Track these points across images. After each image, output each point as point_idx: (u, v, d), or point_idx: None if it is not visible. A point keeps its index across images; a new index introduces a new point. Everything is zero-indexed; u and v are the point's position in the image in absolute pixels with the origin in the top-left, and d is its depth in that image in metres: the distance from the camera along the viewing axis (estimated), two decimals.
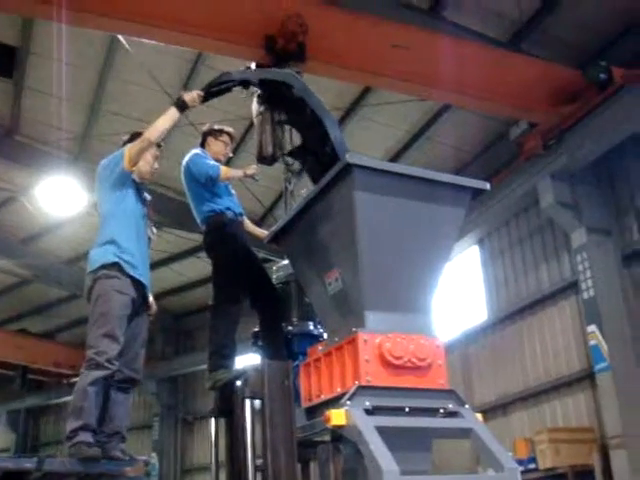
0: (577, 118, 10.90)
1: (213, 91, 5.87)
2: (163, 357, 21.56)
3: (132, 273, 5.25)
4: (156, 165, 5.84)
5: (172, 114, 5.51)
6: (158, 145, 5.81)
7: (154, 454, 20.91)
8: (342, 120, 12.90)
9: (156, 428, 21.51)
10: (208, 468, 5.51)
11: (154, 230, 5.90)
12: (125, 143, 5.77)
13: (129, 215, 5.46)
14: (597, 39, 10.99)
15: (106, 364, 4.93)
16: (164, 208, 15.15)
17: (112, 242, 5.26)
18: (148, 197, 5.84)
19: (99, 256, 5.26)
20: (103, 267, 5.17)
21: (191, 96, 5.60)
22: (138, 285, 5.32)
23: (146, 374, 22.89)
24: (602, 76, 10.35)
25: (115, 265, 5.18)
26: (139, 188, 5.67)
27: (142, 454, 20.17)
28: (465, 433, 4.68)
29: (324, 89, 11.62)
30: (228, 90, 5.96)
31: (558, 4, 10.49)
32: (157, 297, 19.91)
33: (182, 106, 5.54)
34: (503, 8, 10.69)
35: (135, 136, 5.70)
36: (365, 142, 12.86)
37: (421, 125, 13.26)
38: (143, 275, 5.38)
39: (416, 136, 13.46)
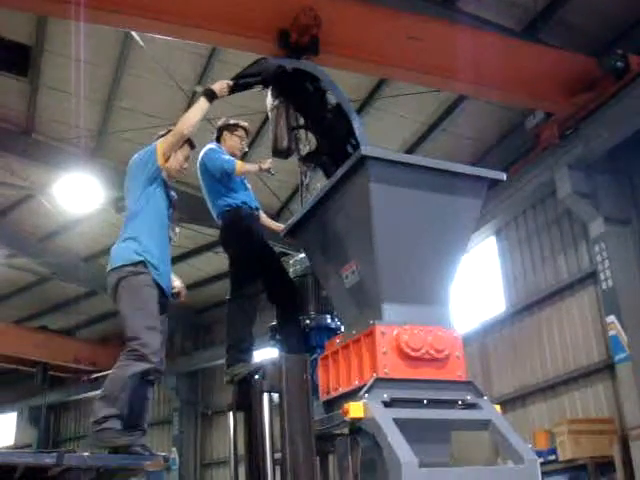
0: (594, 107, 10.82)
1: (242, 82, 5.86)
2: (182, 352, 21.64)
3: (155, 276, 5.20)
4: (186, 165, 5.71)
5: (202, 105, 5.44)
6: (192, 146, 5.74)
7: (174, 449, 21.01)
8: (357, 112, 12.84)
9: (176, 423, 21.59)
10: (227, 462, 5.52)
11: (177, 230, 5.85)
12: (159, 139, 5.65)
13: (156, 214, 5.37)
14: (613, 27, 10.91)
15: (150, 356, 4.92)
16: (180, 203, 15.09)
17: (135, 240, 5.20)
18: (175, 196, 5.76)
19: (123, 254, 5.19)
20: (128, 265, 5.11)
21: (220, 86, 5.57)
22: (159, 285, 5.27)
23: (166, 369, 23.08)
24: (619, 64, 10.27)
25: (141, 263, 5.13)
26: (167, 186, 5.59)
27: (162, 449, 20.41)
28: (483, 425, 4.68)
29: (339, 81, 11.64)
30: (256, 83, 5.95)
31: None
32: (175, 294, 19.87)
33: (211, 96, 5.49)
34: None
35: (170, 132, 5.60)
36: (381, 134, 12.82)
37: (437, 117, 13.21)
38: (163, 275, 5.32)
39: (432, 128, 13.41)
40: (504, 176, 5.28)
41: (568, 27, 10.88)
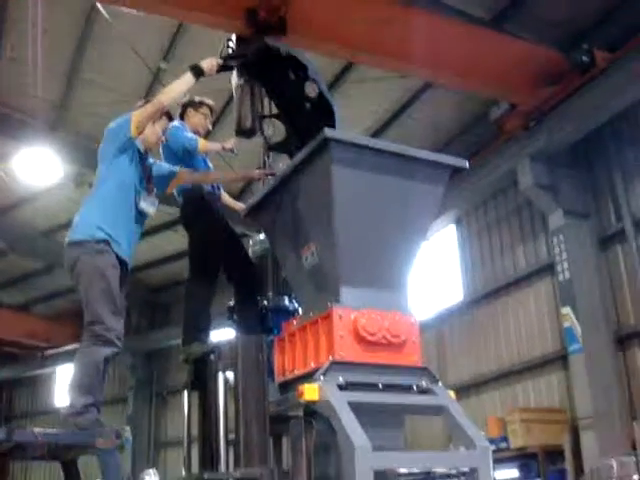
0: (558, 100, 10.91)
1: (230, 62, 5.79)
2: (138, 331, 21.46)
3: (117, 250, 5.06)
4: (163, 137, 5.58)
5: (187, 79, 5.37)
6: (170, 118, 5.63)
7: (128, 428, 20.80)
8: None
9: (130, 402, 21.45)
10: (182, 442, 5.48)
11: (155, 203, 5.67)
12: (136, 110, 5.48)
13: (123, 184, 5.19)
14: (581, 21, 10.96)
15: (116, 341, 4.87)
16: None
17: (99, 210, 5.07)
18: (153, 166, 5.62)
19: (86, 228, 5.03)
20: (90, 241, 4.96)
21: (210, 63, 5.49)
22: (122, 262, 5.15)
23: (121, 348, 22.89)
24: (584, 59, 10.36)
25: (105, 241, 4.98)
26: (142, 158, 5.40)
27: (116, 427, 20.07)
28: (438, 410, 4.71)
29: None
30: (242, 64, 5.86)
31: None
32: (133, 271, 19.80)
33: (198, 72, 5.40)
34: None
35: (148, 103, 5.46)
36: (344, 119, 12.57)
37: (401, 103, 13.20)
38: (126, 252, 5.18)
39: (396, 114, 13.41)
40: (466, 164, 5.30)
41: (536, 19, 10.88)
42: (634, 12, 10.32)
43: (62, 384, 24.00)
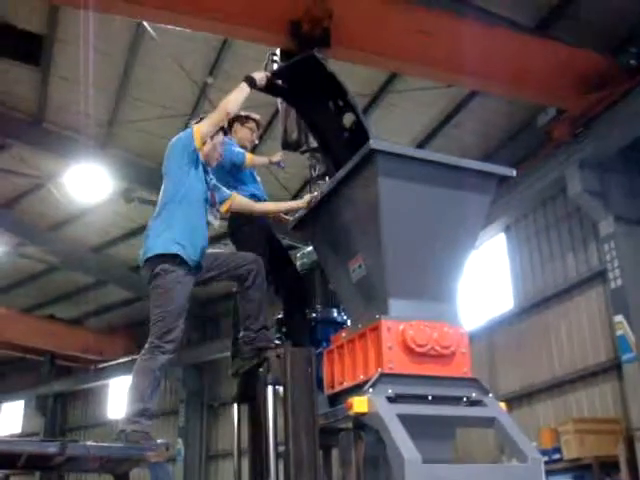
0: (606, 105, 10.75)
1: (277, 76, 5.82)
2: (189, 343, 21.60)
3: (191, 263, 5.13)
4: (221, 151, 5.64)
5: (243, 88, 5.41)
6: (224, 132, 5.70)
7: (180, 440, 21.03)
8: (368, 107, 12.84)
9: (182, 414, 21.58)
10: (232, 455, 5.52)
11: (218, 216, 5.72)
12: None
13: (193, 199, 5.27)
14: (627, 24, 10.81)
15: (173, 352, 4.99)
16: None
17: (171, 227, 5.12)
18: (213, 181, 5.64)
19: (159, 243, 5.11)
20: (163, 256, 5.04)
21: (260, 75, 5.55)
22: (195, 273, 5.23)
23: (173, 360, 23.05)
24: (632, 62, 10.23)
25: (177, 257, 5.04)
26: (205, 171, 5.48)
27: (168, 440, 20.25)
28: (488, 422, 4.66)
29: (349, 75, 11.60)
30: (290, 75, 5.88)
31: None
32: None
33: (252, 83, 5.45)
34: None
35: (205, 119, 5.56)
36: (391, 129, 12.78)
37: (447, 112, 13.15)
38: (198, 262, 5.24)
39: (442, 123, 13.36)
40: (514, 172, 5.25)
41: (582, 24, 10.78)
42: None
43: (115, 396, 24.29)
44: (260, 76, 5.54)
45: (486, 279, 15.30)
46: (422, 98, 12.60)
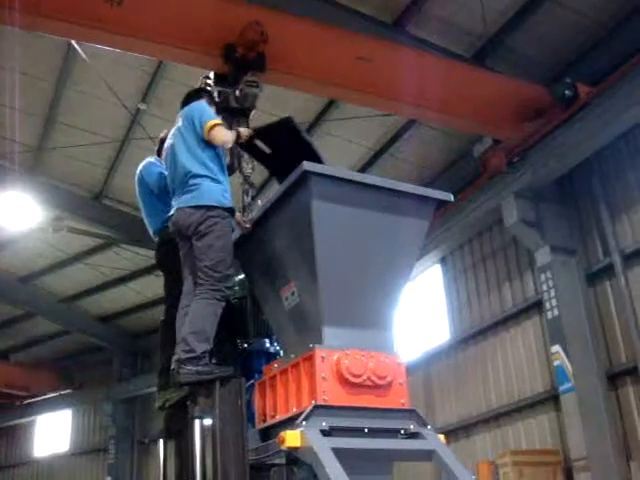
0: (541, 135, 10.82)
1: (258, 135, 5.65)
2: (120, 378, 21.12)
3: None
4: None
5: (230, 134, 5.39)
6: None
7: (109, 478, 20.44)
8: None
9: (111, 451, 20.99)
10: None
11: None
12: (188, 99, 5.70)
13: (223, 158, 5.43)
14: (563, 56, 10.93)
15: (226, 300, 5.04)
16: (121, 224, 14.87)
17: (219, 181, 5.16)
18: None
19: (213, 194, 5.08)
20: (219, 208, 5.04)
21: (245, 132, 5.53)
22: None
23: (102, 396, 22.45)
24: (567, 93, 10.27)
25: (229, 209, 5.11)
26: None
27: (96, 479, 19.73)
28: (427, 455, 4.48)
29: (285, 103, 11.48)
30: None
31: (523, 20, 10.41)
32: (114, 316, 19.55)
33: (237, 135, 5.44)
34: (468, 24, 10.58)
35: (194, 96, 5.72)
36: (327, 158, 12.60)
37: (384, 142, 13.11)
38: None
39: (379, 153, 13.32)
40: (451, 197, 5.13)
41: (518, 55, 10.87)
42: (617, 46, 10.30)
43: (42, 434, 23.56)
44: (244, 131, 5.52)
45: (422, 311, 15.23)
46: (359, 127, 12.53)
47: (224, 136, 5.27)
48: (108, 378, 21.33)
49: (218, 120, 5.36)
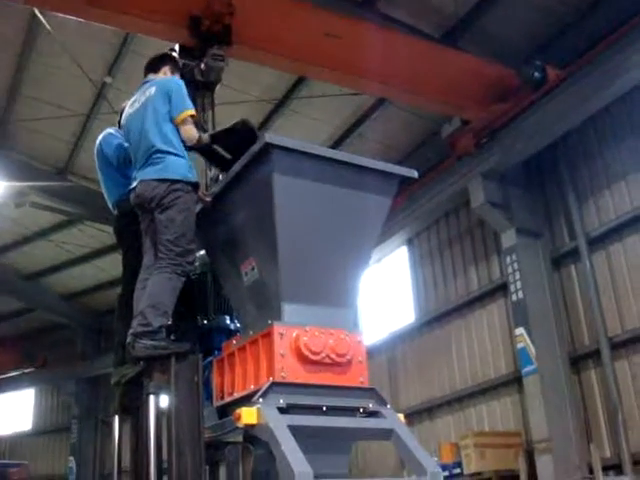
0: (510, 117, 10.79)
1: (216, 140, 5.52)
2: (84, 357, 20.93)
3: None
4: None
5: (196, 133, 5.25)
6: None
7: (72, 458, 20.28)
8: (271, 114, 12.60)
9: (74, 431, 20.82)
10: (124, 472, 5.09)
11: None
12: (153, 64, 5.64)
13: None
14: (533, 39, 10.90)
15: (186, 276, 4.97)
16: (85, 201, 14.65)
17: (183, 157, 5.05)
18: None
19: (178, 168, 4.98)
20: (184, 182, 4.94)
21: (205, 138, 5.33)
22: None
23: (65, 374, 22.18)
24: (537, 75, 10.24)
25: (194, 184, 5.01)
26: None
27: (59, 458, 19.62)
28: (386, 434, 4.42)
29: (254, 79, 11.34)
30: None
31: (494, 2, 10.36)
32: (78, 294, 19.31)
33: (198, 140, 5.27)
34: (438, 3, 10.51)
35: (158, 62, 5.66)
36: (294, 136, 12.51)
37: (352, 122, 13.03)
38: None
39: (346, 133, 13.23)
40: (415, 173, 5.05)
41: (489, 36, 10.82)
42: (586, 30, 10.28)
43: (4, 412, 23.31)
44: (205, 136, 5.34)
45: (388, 293, 15.21)
46: (327, 106, 12.42)
47: (192, 134, 5.17)
48: (72, 357, 21.14)
49: (193, 111, 5.26)
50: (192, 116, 5.21)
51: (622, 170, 10.67)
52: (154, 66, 5.66)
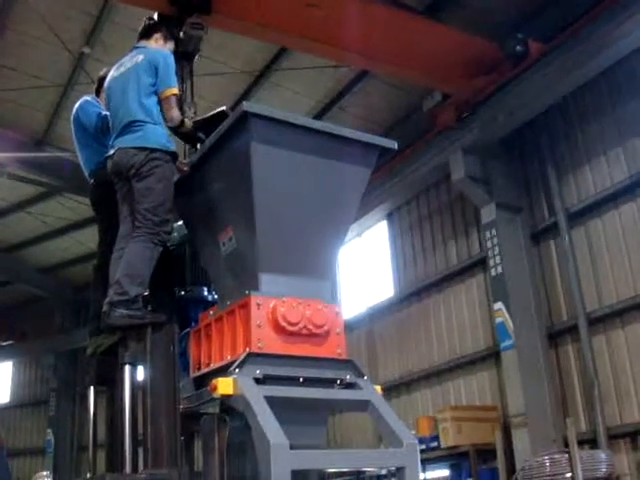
0: (491, 91, 10.76)
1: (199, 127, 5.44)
2: (62, 330, 20.84)
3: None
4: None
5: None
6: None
7: (50, 430, 20.25)
8: (252, 85, 12.48)
9: (52, 403, 20.79)
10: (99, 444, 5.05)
11: None
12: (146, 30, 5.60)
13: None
14: (516, 12, 10.81)
15: (164, 245, 4.95)
16: (64, 172, 14.49)
17: (162, 125, 5.01)
18: None
19: (157, 137, 4.93)
20: (162, 151, 4.89)
21: (188, 124, 5.32)
22: None
23: (43, 347, 22.06)
24: (519, 49, 10.20)
25: (173, 154, 4.95)
26: None
27: (37, 431, 19.60)
28: (362, 405, 4.41)
29: (233, 49, 11.22)
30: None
31: None
32: (57, 267, 19.18)
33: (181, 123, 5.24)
34: None
35: (151, 28, 5.64)
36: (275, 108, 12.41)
37: (333, 95, 12.93)
38: None
39: (328, 106, 13.13)
40: (395, 145, 5.06)
41: (471, 10, 10.72)
42: (569, 3, 10.23)
43: None
44: (189, 123, 5.32)
45: (367, 267, 15.20)
46: (308, 79, 12.33)
47: (175, 115, 5.12)
48: (50, 330, 21.04)
49: (177, 90, 5.21)
50: (175, 94, 5.14)
51: (602, 146, 10.67)
52: (146, 31, 5.60)
